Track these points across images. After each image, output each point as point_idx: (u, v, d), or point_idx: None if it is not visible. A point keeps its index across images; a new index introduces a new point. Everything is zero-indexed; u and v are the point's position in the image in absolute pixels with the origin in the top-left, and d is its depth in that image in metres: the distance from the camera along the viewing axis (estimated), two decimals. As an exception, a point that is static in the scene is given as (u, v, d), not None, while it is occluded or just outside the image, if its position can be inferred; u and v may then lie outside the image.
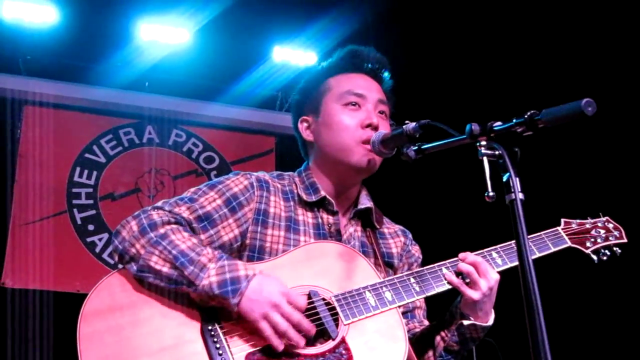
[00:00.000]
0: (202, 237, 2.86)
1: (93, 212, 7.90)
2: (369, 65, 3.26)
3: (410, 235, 3.38)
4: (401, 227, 3.39)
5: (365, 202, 3.20)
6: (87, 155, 8.07)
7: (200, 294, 2.63)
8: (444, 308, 3.05)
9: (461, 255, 2.97)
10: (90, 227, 7.83)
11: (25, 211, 7.53)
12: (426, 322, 3.25)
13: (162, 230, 2.74)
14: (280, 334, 2.60)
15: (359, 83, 3.19)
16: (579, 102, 2.14)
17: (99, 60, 7.82)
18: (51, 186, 7.74)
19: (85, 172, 8.00)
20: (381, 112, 3.15)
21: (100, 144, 8.16)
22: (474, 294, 2.87)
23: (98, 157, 8.11)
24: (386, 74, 3.31)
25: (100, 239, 7.76)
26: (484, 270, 2.89)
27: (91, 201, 7.93)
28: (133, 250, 2.71)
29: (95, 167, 8.07)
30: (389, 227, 3.34)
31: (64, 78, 7.90)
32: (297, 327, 2.61)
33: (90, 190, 7.97)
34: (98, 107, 8.15)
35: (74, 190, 7.89)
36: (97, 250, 7.71)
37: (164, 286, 2.69)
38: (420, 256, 3.37)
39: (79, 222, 7.79)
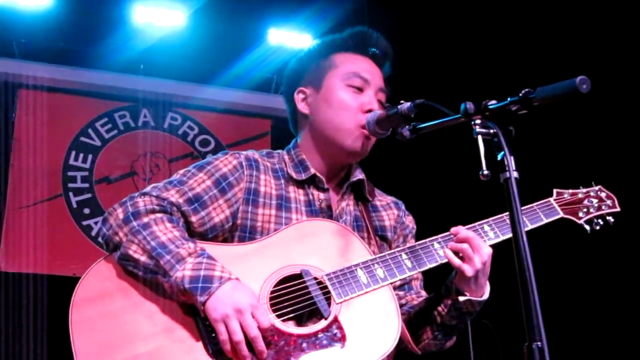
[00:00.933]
0: (193, 219, 2.85)
1: (89, 195, 7.89)
2: (376, 51, 3.25)
3: (403, 207, 3.37)
4: (393, 199, 3.39)
5: (357, 174, 3.19)
6: (82, 138, 8.05)
7: (172, 286, 2.61)
8: (441, 279, 3.04)
9: (453, 229, 2.95)
10: (86, 211, 7.82)
11: (20, 195, 7.52)
12: (423, 293, 3.25)
13: (145, 220, 2.72)
14: (234, 343, 2.54)
15: (365, 67, 3.18)
16: (574, 80, 2.15)
17: (94, 43, 7.78)
18: (46, 170, 7.73)
19: (81, 155, 7.98)
20: (379, 101, 3.14)
21: (96, 128, 8.14)
22: (468, 270, 2.84)
23: (93, 141, 8.09)
24: (388, 63, 3.30)
25: (96, 223, 7.74)
26: (477, 245, 2.86)
27: (87, 185, 7.92)
28: (117, 238, 2.72)
29: (91, 151, 8.05)
30: (381, 200, 3.33)
31: (59, 61, 7.86)
32: (252, 343, 2.55)
33: (86, 173, 7.96)
34: (93, 90, 8.12)
35: (70, 173, 7.88)
36: (93, 233, 7.70)
37: (142, 275, 2.68)
38: (415, 227, 3.36)
39: (74, 205, 7.78)
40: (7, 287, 7.00)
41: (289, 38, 8.20)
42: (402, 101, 2.81)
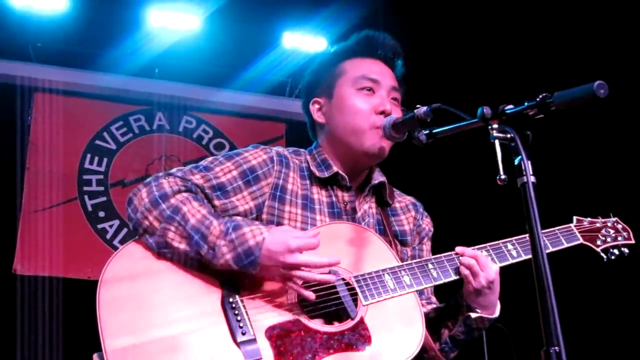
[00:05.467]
0: (216, 203, 2.89)
1: (104, 198, 7.92)
2: (384, 52, 3.26)
3: (421, 208, 3.40)
4: (412, 200, 3.41)
5: (378, 176, 3.22)
6: (97, 142, 8.09)
7: (223, 271, 2.69)
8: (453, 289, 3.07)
9: (458, 249, 3.02)
10: (101, 214, 7.84)
11: (36, 198, 7.55)
12: (434, 299, 3.29)
13: (173, 201, 2.75)
14: (310, 282, 2.67)
15: (374, 69, 3.19)
16: (591, 84, 2.15)
17: (109, 47, 7.81)
18: (62, 173, 7.75)
19: (96, 158, 8.02)
20: (394, 99, 3.16)
21: (111, 131, 8.17)
22: (473, 283, 2.92)
23: (108, 144, 8.12)
24: (399, 61, 3.31)
25: (110, 226, 7.78)
26: (484, 263, 2.94)
27: (102, 188, 7.95)
28: (146, 222, 2.74)
29: (106, 154, 8.08)
30: (400, 201, 3.36)
31: (74, 65, 7.90)
32: (319, 267, 2.68)
33: (101, 176, 7.98)
34: (108, 94, 8.15)
35: (85, 177, 7.91)
36: (108, 236, 7.73)
37: (187, 262, 2.74)
38: (431, 229, 3.39)
39: (89, 208, 7.81)
40: (23, 290, 7.02)
41: (304, 41, 8.20)
42: (418, 105, 2.81)
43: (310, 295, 2.67)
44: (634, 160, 7.09)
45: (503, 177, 2.20)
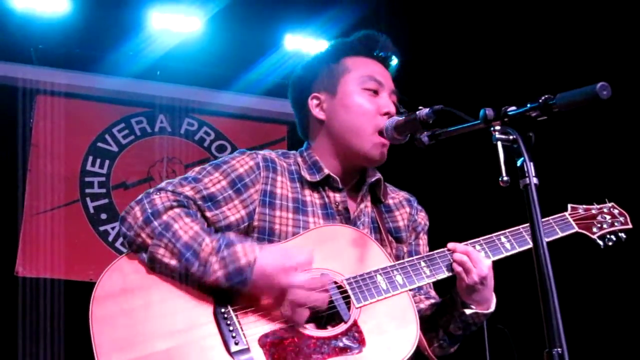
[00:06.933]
0: (208, 214, 2.87)
1: (106, 200, 7.92)
2: (383, 53, 3.27)
3: (415, 203, 3.39)
4: (405, 195, 3.39)
5: (373, 174, 3.21)
6: (99, 144, 8.08)
7: (211, 287, 2.68)
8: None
9: (450, 245, 2.99)
10: (103, 216, 7.85)
11: (37, 200, 7.54)
12: (433, 294, 3.29)
13: (165, 218, 2.74)
14: (302, 305, 2.65)
15: (377, 70, 3.20)
16: (594, 86, 2.15)
17: (111, 49, 7.80)
18: (64, 175, 7.75)
19: (98, 161, 8.01)
20: (393, 103, 3.16)
21: (113, 133, 8.17)
22: (466, 279, 2.91)
23: (110, 146, 8.12)
24: (395, 65, 3.32)
25: (113, 228, 7.77)
26: (476, 259, 2.92)
27: (104, 190, 7.95)
28: (139, 239, 2.74)
29: (108, 156, 8.08)
30: (394, 197, 3.34)
31: (76, 67, 7.89)
32: (314, 288, 2.66)
33: (103, 179, 7.98)
34: (110, 96, 8.15)
35: (87, 179, 7.91)
36: (110, 239, 7.73)
37: (176, 278, 2.72)
38: (427, 223, 3.38)
39: (91, 211, 7.81)
40: (25, 292, 7.02)
41: (305, 44, 8.18)
42: (420, 107, 2.81)
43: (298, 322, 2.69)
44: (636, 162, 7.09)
45: (505, 178, 2.19)
